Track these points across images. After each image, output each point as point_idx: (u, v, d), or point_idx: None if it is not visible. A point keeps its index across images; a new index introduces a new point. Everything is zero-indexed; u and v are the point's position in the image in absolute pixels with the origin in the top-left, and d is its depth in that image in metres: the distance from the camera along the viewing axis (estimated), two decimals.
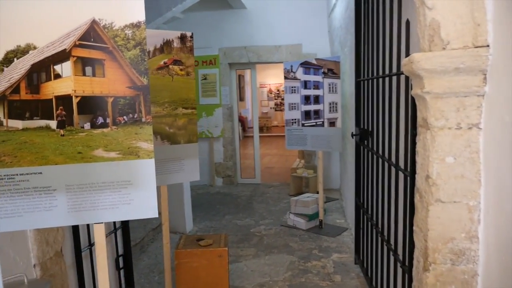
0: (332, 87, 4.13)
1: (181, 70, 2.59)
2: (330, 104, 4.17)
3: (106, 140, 1.65)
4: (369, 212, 2.82)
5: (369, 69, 2.75)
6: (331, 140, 4.19)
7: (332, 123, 4.19)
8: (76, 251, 2.27)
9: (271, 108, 16.84)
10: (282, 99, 13.39)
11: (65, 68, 1.60)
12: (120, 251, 2.77)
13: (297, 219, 4.41)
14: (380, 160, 2.44)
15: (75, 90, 1.61)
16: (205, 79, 6.60)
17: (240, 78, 14.89)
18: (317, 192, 5.54)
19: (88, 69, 1.62)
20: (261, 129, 15.59)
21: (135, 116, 1.67)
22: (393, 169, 2.16)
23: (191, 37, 2.62)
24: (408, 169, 1.85)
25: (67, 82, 1.60)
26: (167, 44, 2.52)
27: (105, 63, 1.63)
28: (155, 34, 2.48)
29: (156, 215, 1.72)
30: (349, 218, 4.57)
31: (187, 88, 2.63)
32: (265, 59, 6.45)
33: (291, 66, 4.40)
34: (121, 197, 1.66)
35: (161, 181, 2.57)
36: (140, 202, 1.68)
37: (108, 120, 1.65)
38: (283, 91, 4.48)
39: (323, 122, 4.24)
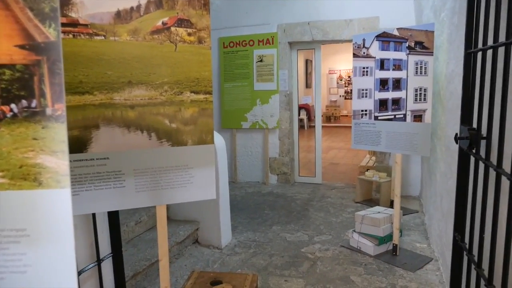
0: (421, 66, 2.98)
1: (189, 35, 1.74)
2: (416, 90, 3.04)
3: None
4: (477, 259, 1.74)
5: (488, 34, 1.63)
6: (416, 140, 3.06)
7: (418, 117, 3.06)
8: None
9: (340, 96, 15.52)
10: None
11: None
12: (111, 285, 2.06)
13: (363, 241, 3.39)
14: (508, 183, 1.36)
15: None
16: (260, 61, 5.73)
17: (308, 63, 13.77)
18: (391, 205, 4.44)
19: None
20: (328, 119, 14.41)
21: (33, 105, 0.85)
22: None
23: None
24: None
25: None
26: None
27: None
28: None
29: None
30: (433, 242, 3.43)
31: (199, 62, 1.77)
32: (332, 36, 5.38)
33: (363, 40, 3.32)
34: (8, 260, 0.88)
35: (156, 199, 1.77)
36: (44, 269, 0.88)
37: None
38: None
39: (404, 115, 3.12)
